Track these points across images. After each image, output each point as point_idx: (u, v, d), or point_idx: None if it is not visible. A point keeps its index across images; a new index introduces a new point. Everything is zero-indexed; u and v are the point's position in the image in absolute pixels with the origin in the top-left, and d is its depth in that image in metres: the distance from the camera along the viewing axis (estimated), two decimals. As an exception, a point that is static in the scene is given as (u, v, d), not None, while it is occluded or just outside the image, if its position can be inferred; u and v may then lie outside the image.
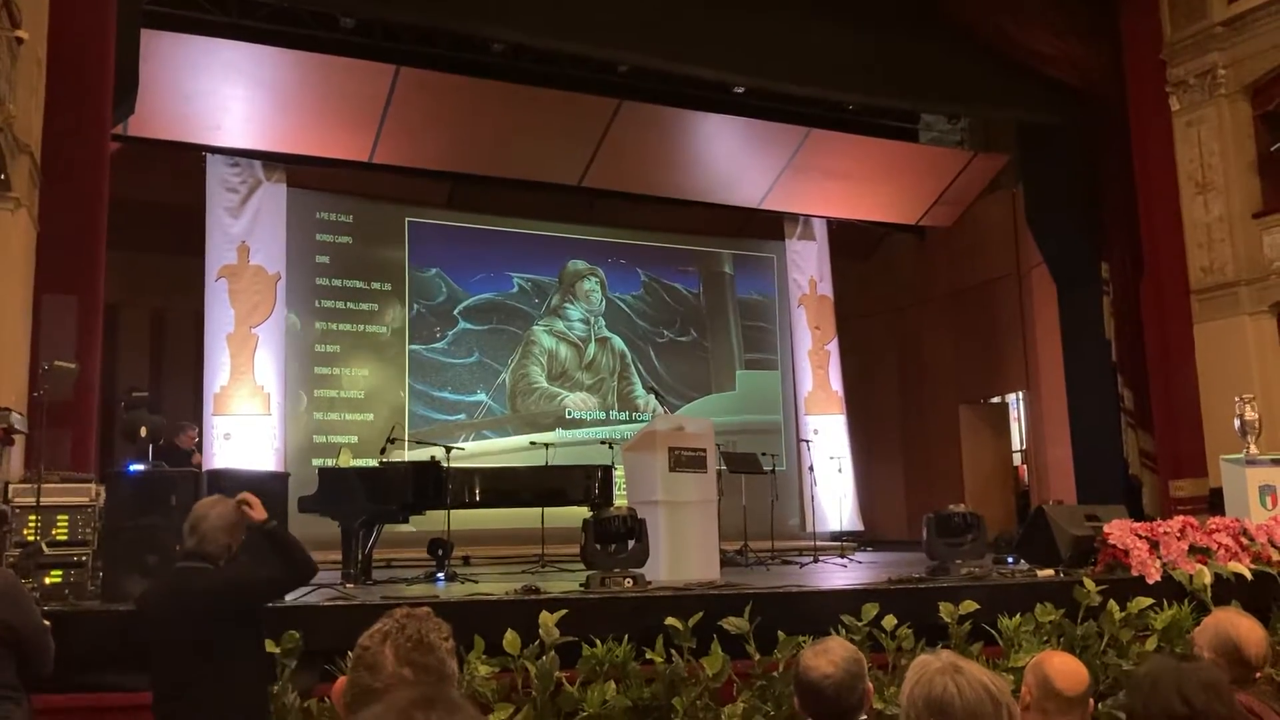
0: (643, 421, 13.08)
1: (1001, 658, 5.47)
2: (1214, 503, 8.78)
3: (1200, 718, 2.48)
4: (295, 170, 12.14)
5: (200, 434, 10.35)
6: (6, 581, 3.63)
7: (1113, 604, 5.89)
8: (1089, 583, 5.99)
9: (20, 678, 3.57)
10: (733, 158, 13.58)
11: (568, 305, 13.81)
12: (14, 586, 3.66)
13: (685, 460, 7.65)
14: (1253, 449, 7.98)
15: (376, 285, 12.69)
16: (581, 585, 6.24)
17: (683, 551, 7.40)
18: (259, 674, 3.72)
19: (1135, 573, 6.40)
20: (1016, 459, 15.44)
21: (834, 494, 14.01)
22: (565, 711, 4.74)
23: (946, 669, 2.25)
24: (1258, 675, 3.19)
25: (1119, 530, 6.66)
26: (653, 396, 11.58)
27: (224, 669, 3.40)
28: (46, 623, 3.71)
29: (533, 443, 10.28)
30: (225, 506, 3.68)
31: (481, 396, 13.10)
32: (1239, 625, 3.25)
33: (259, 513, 3.65)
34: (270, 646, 4.45)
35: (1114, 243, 11.73)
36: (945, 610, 5.59)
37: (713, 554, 7.77)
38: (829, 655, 2.79)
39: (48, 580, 5.44)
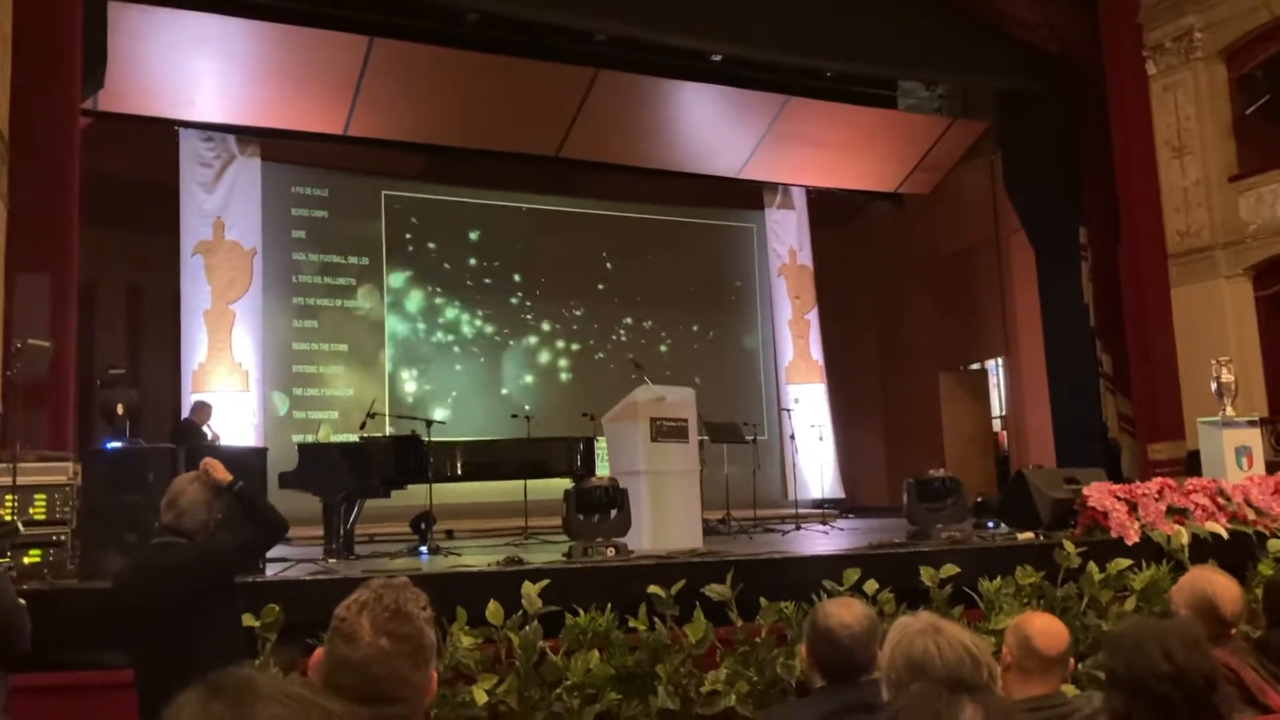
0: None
1: (982, 620, 5.50)
2: (1191, 464, 8.84)
3: (1184, 674, 2.49)
4: (269, 144, 12.01)
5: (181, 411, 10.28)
6: (-18, 561, 3.61)
7: (1092, 565, 5.93)
8: (1069, 545, 6.03)
9: (-2, 656, 3.55)
10: (711, 127, 13.50)
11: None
12: (-11, 566, 3.64)
13: (667, 430, 7.64)
14: (1229, 411, 8.02)
15: (354, 259, 12.60)
16: (564, 555, 6.25)
17: (666, 521, 7.40)
18: (237, 647, 3.70)
19: (1114, 534, 6.44)
20: (996, 424, 15.53)
21: (815, 462, 14.07)
22: (549, 681, 4.74)
23: (927, 630, 2.26)
24: (1233, 631, 3.22)
25: (1098, 493, 6.69)
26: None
27: (202, 643, 3.37)
28: (22, 601, 3.69)
29: (514, 415, 10.25)
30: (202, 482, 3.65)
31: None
32: (1215, 582, 3.27)
33: (222, 474, 3.63)
34: (250, 620, 4.43)
35: (1092, 208, 11.76)
36: (926, 574, 5.61)
37: (695, 523, 7.78)
38: (851, 609, 2.79)
39: (26, 560, 5.40)
